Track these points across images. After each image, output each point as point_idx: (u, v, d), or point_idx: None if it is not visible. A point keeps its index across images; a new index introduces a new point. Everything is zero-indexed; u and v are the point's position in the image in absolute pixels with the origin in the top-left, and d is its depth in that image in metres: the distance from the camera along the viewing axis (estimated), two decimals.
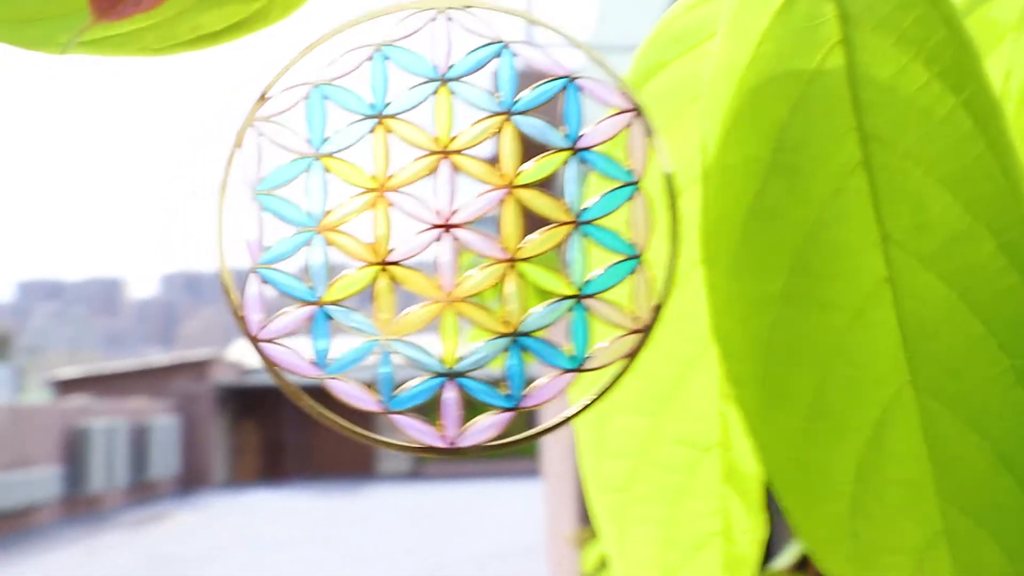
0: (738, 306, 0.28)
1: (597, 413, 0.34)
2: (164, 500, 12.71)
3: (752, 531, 0.33)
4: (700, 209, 0.29)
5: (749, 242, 0.28)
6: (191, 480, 13.98)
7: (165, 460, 13.14)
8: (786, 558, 1.02)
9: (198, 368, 14.82)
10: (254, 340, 0.28)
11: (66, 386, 15.26)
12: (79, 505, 10.94)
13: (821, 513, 0.28)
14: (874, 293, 0.27)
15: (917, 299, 0.27)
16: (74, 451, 10.92)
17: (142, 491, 12.58)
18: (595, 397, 0.28)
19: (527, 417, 0.30)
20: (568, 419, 0.28)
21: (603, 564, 1.55)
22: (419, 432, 0.28)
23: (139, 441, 12.44)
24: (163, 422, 13.27)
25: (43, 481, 9.96)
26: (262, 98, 0.28)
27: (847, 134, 0.28)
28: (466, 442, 0.28)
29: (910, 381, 0.27)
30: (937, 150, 0.27)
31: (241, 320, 0.28)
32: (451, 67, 0.28)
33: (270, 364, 0.28)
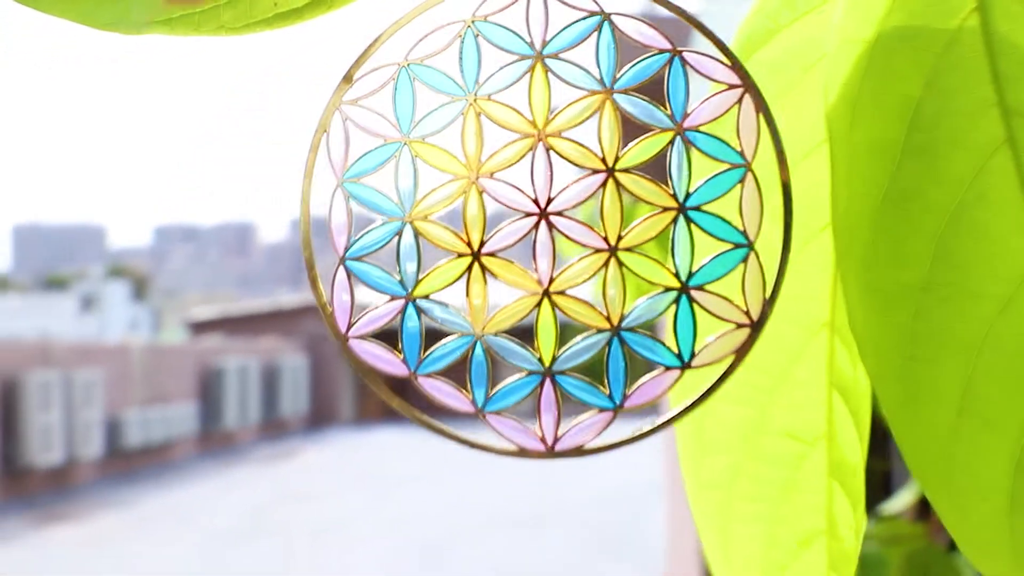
0: (876, 298, 0.26)
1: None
2: (294, 437, 13.04)
3: (857, 526, 0.31)
4: (830, 196, 0.27)
5: (885, 230, 0.26)
6: (319, 418, 14.31)
7: (295, 398, 13.47)
8: (900, 501, 0.97)
9: None
10: (343, 338, 0.27)
11: (201, 326, 15.71)
12: (213, 441, 11.29)
13: (975, 512, 0.26)
14: None
15: None
16: (209, 389, 11.25)
17: (273, 428, 12.92)
18: (702, 396, 0.26)
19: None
20: (672, 420, 0.27)
21: None
22: (516, 433, 0.26)
23: (270, 379, 12.77)
24: (293, 361, 13.59)
25: (180, 418, 10.30)
26: (347, 80, 0.26)
27: (988, 110, 0.25)
28: (565, 444, 0.26)
29: None
30: None
31: (329, 316, 0.27)
32: (547, 42, 0.26)
33: (358, 362, 0.27)
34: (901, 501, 0.96)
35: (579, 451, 0.26)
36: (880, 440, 0.27)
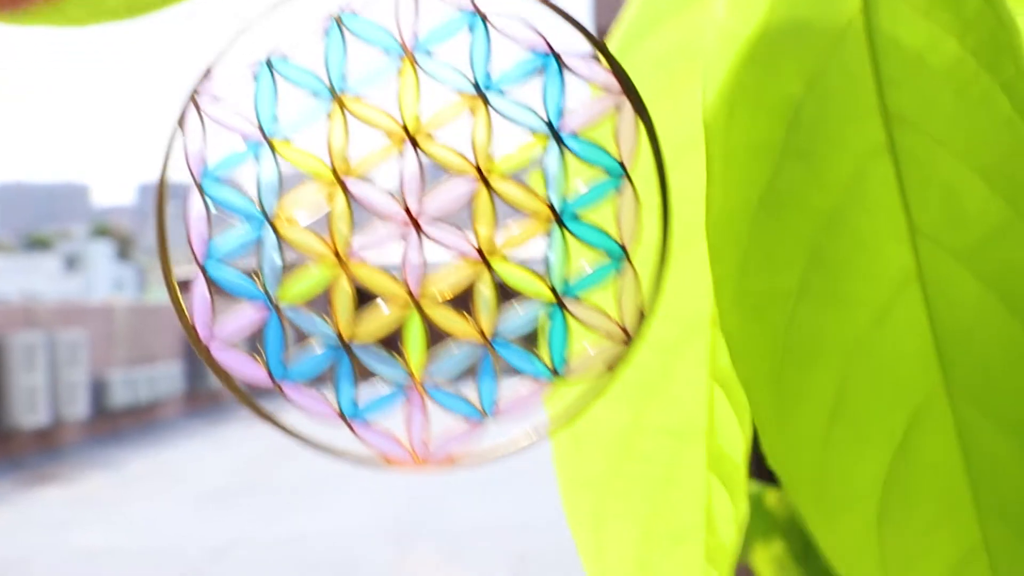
0: (749, 303, 0.25)
1: None
2: None
3: (736, 519, 0.31)
4: (705, 196, 0.26)
5: (761, 234, 0.25)
6: None
7: None
8: None
9: None
10: (203, 346, 0.25)
11: (187, 285, 15.71)
12: (201, 399, 11.30)
13: (844, 523, 0.25)
14: (901, 290, 0.24)
15: (950, 298, 0.24)
16: None
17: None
18: (575, 410, 0.25)
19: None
20: (545, 433, 0.26)
21: None
22: (384, 443, 0.25)
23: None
24: None
25: (167, 377, 10.29)
26: (206, 74, 0.25)
27: (869, 114, 0.24)
28: (433, 456, 0.25)
29: (943, 385, 0.24)
30: (971, 135, 0.23)
31: (188, 324, 0.25)
32: (418, 40, 0.25)
33: (220, 372, 0.25)
34: None
35: (449, 461, 0.25)
36: None
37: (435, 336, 0.26)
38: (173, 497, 6.32)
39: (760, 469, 0.30)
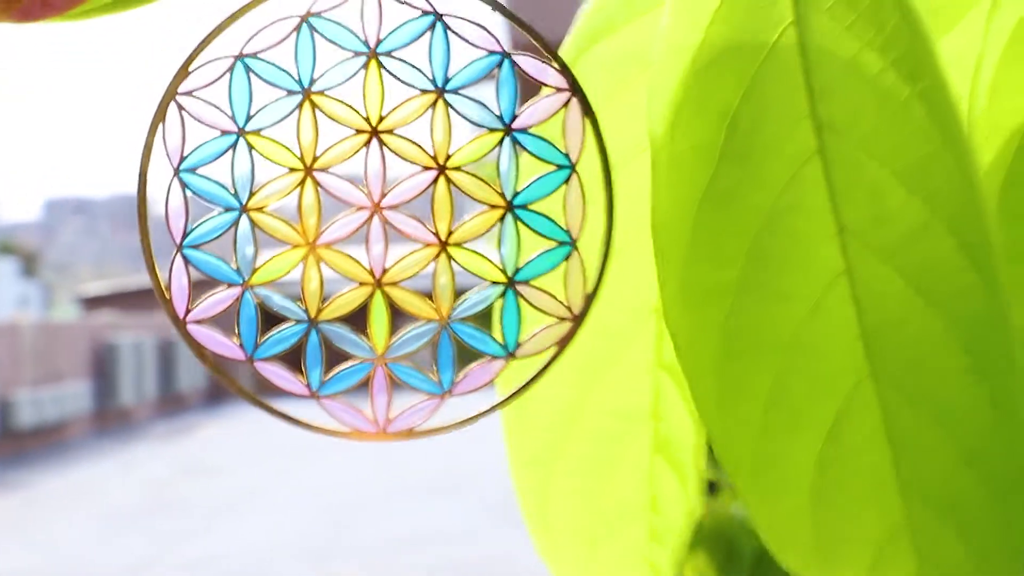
0: (692, 296, 0.28)
1: None
2: (193, 412, 12.88)
3: (684, 502, 0.33)
4: (651, 196, 0.28)
5: (702, 230, 0.27)
6: (218, 392, 14.15)
7: (192, 373, 13.29)
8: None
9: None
10: (181, 323, 0.27)
11: (93, 302, 15.40)
12: (110, 418, 11.09)
13: (780, 506, 0.28)
14: (832, 285, 0.26)
15: (875, 293, 0.26)
16: (103, 366, 11.04)
17: (171, 403, 12.75)
18: (525, 385, 0.28)
19: None
20: (497, 406, 0.28)
21: None
22: (349, 416, 0.27)
23: (166, 355, 12.58)
24: None
25: (74, 396, 10.08)
26: (184, 71, 0.27)
27: (801, 121, 0.26)
28: (396, 427, 0.27)
29: (870, 374, 0.26)
30: (892, 142, 0.26)
31: (167, 302, 0.27)
32: (381, 40, 0.27)
33: (197, 347, 0.27)
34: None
35: (410, 433, 0.27)
36: None
37: (396, 318, 0.28)
38: (82, 518, 6.18)
39: None
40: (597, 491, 0.34)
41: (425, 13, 0.27)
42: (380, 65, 0.27)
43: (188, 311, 0.27)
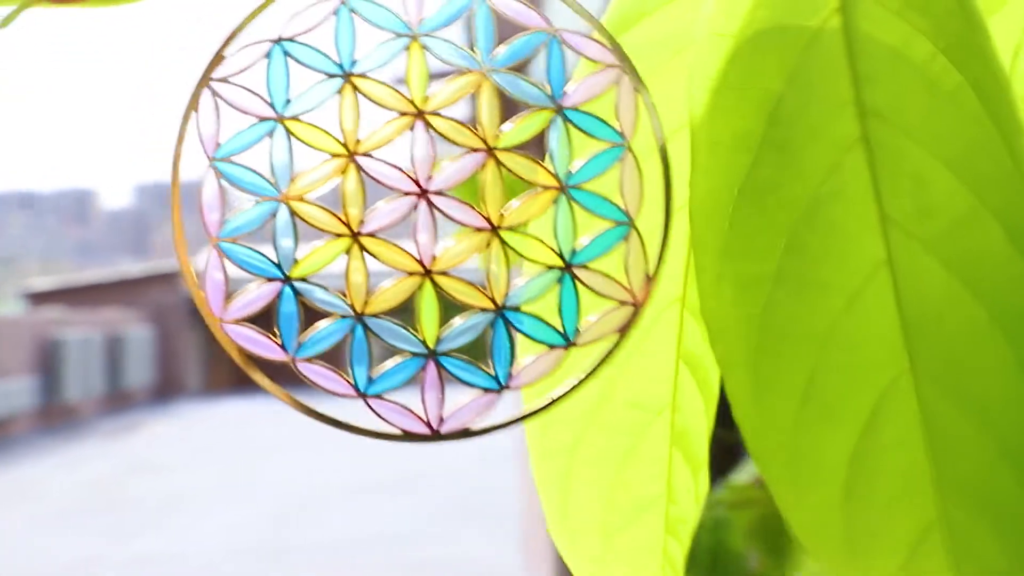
0: (728, 287, 0.27)
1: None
2: (139, 409, 12.74)
3: (696, 492, 0.32)
4: (688, 183, 0.27)
5: (740, 220, 0.26)
6: (165, 389, 14.02)
7: (139, 370, 13.16)
8: (749, 470, 1.01)
9: (172, 278, 14.76)
10: (217, 321, 0.26)
11: (39, 297, 15.18)
12: (55, 415, 10.95)
13: (812, 499, 0.27)
14: (872, 276, 0.26)
15: (917, 284, 0.25)
16: (49, 362, 10.89)
17: (117, 401, 12.60)
18: (585, 376, 0.26)
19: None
20: (557, 400, 0.27)
21: None
22: (399, 416, 0.26)
23: (113, 351, 12.43)
24: (137, 332, 13.25)
25: (18, 392, 9.95)
26: (218, 57, 0.26)
27: (844, 108, 0.26)
28: (449, 427, 0.26)
29: (909, 368, 0.26)
30: (941, 129, 0.25)
31: (201, 299, 0.26)
32: (423, 20, 0.26)
33: (234, 347, 0.26)
34: (749, 470, 1.01)
35: (465, 433, 0.26)
36: (730, 413, 0.27)
37: (445, 310, 0.26)
38: (25, 515, 6.11)
39: None
40: (616, 482, 0.33)
41: None
42: (423, 46, 0.26)
43: (224, 309, 0.26)
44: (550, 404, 0.26)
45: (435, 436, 0.26)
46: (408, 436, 0.26)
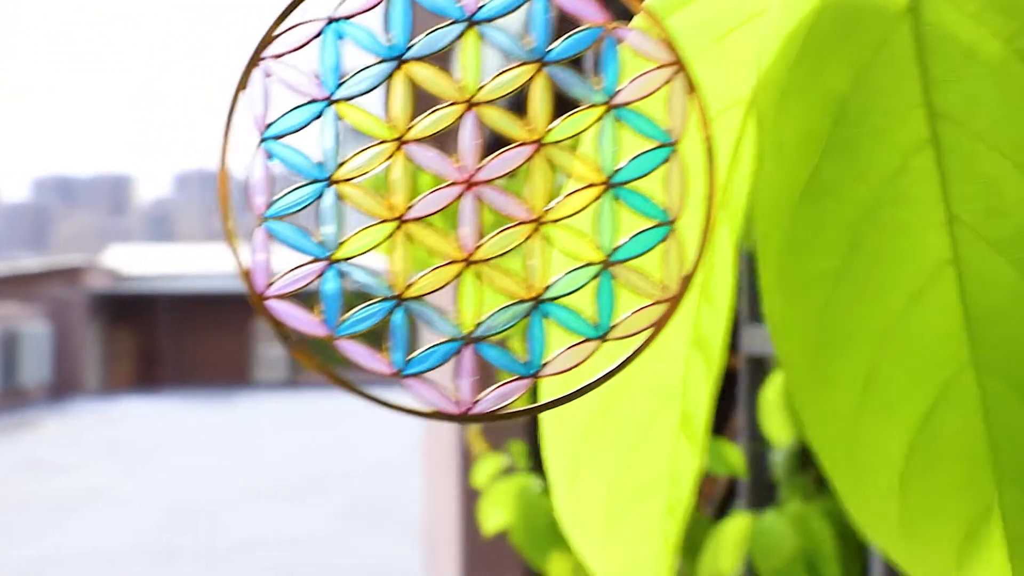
0: (790, 284, 0.28)
1: None
2: (35, 406, 12.44)
3: (694, 476, 0.33)
4: (754, 183, 0.28)
5: (804, 219, 0.27)
6: (62, 387, 13.70)
7: (36, 367, 12.84)
8: None
9: (71, 274, 14.45)
10: (260, 298, 0.26)
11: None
12: None
13: (869, 485, 0.28)
14: (936, 275, 0.27)
15: (984, 283, 0.26)
16: None
17: (12, 397, 12.28)
18: (616, 367, 0.27)
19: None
20: (586, 389, 0.27)
21: (494, 479, 1.55)
22: (432, 396, 0.26)
23: (9, 347, 12.11)
24: (34, 328, 12.94)
25: None
26: (269, 35, 0.26)
27: (913, 110, 0.26)
28: (480, 409, 0.26)
29: (971, 361, 0.26)
30: (1014, 134, 0.26)
31: (246, 276, 0.26)
32: (480, 8, 0.26)
33: (276, 323, 0.26)
34: None
35: (493, 416, 0.27)
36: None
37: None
38: None
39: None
40: (625, 467, 0.34)
41: None
42: (478, 34, 0.26)
43: (269, 285, 0.26)
44: (579, 392, 0.27)
45: (464, 417, 0.26)
46: (438, 415, 0.26)
